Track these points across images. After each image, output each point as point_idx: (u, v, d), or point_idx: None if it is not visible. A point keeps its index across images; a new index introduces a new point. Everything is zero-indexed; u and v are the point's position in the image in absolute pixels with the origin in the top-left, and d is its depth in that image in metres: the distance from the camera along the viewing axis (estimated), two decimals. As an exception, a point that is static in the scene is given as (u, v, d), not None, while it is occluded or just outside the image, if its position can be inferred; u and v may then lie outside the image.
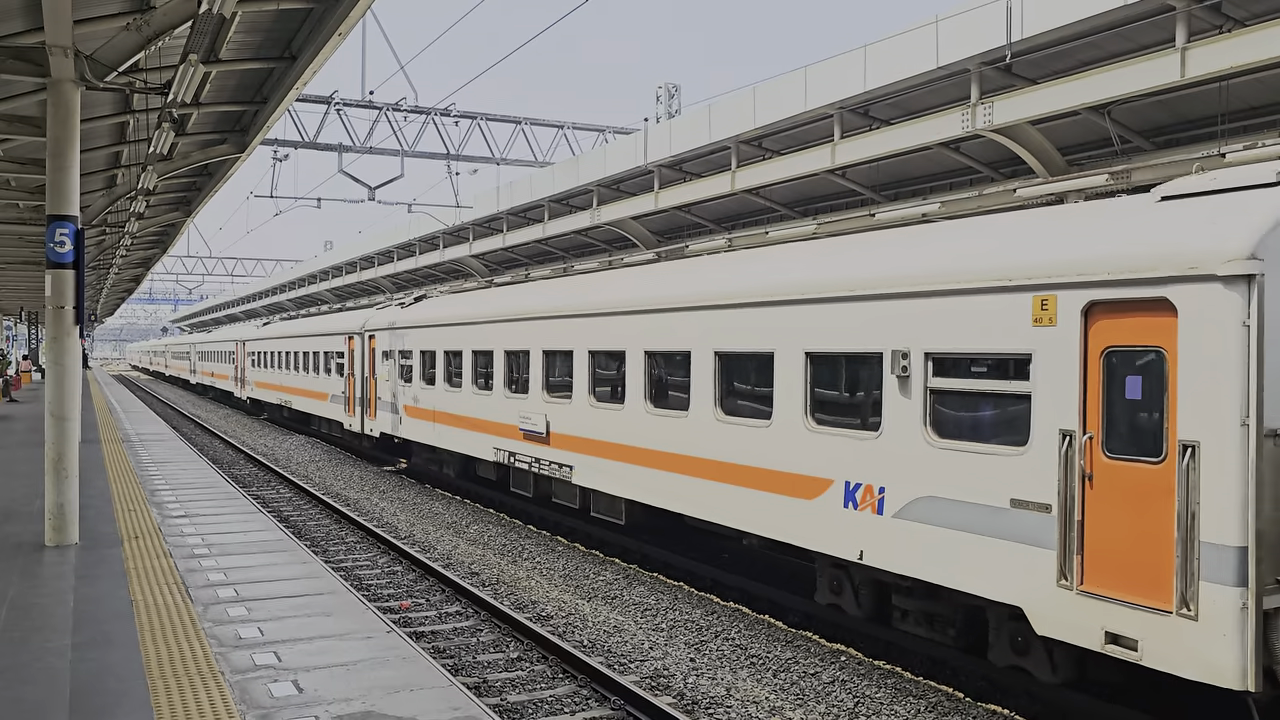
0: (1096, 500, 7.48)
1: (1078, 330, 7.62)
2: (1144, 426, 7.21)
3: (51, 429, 10.03)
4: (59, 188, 9.97)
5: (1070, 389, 7.64)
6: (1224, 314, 6.74)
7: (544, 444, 15.70)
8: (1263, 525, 6.61)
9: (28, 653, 6.67)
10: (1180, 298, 6.94)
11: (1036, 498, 7.87)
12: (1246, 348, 6.62)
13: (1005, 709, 8.92)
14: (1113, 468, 7.39)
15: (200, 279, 73.25)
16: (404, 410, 21.91)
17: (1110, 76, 11.92)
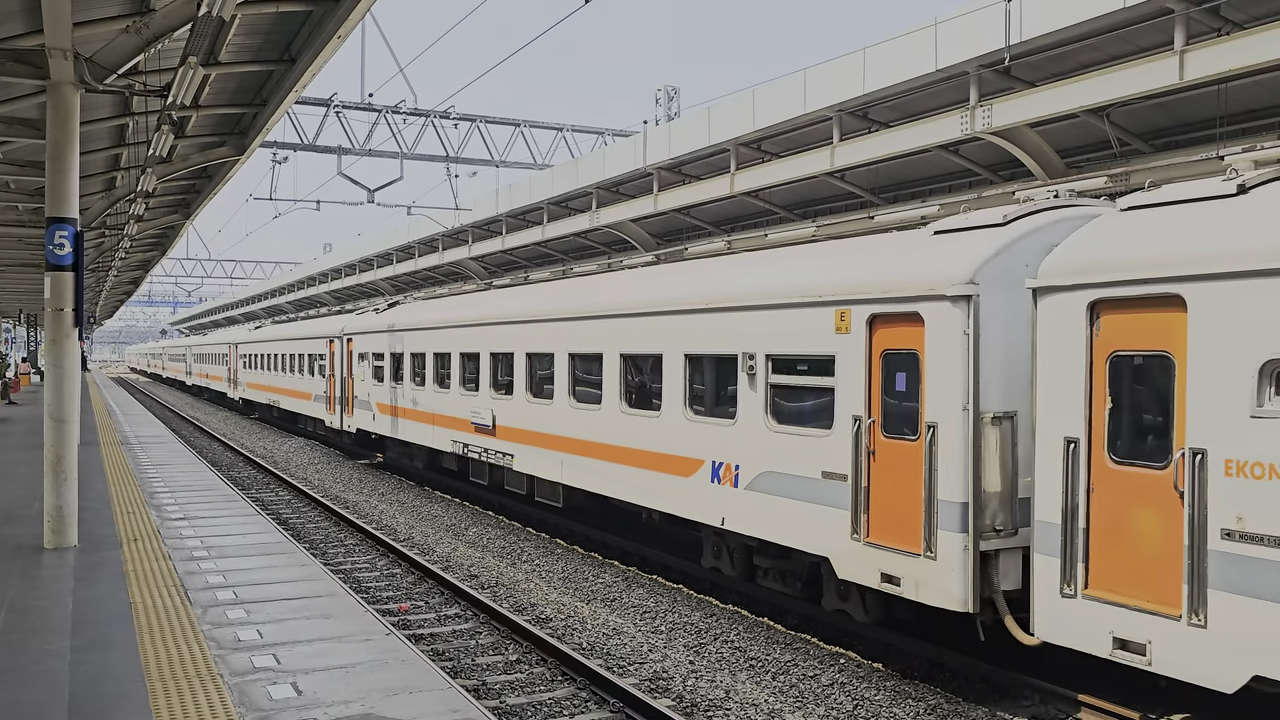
0: (877, 471, 9.53)
1: (864, 337, 9.64)
2: (906, 412, 9.26)
3: (50, 431, 10.03)
4: (58, 190, 9.97)
5: (859, 383, 9.66)
6: (952, 325, 8.78)
7: (491, 435, 17.56)
8: (980, 486, 8.62)
9: (27, 655, 6.67)
10: (926, 312, 9.00)
11: (838, 469, 9.87)
12: (967, 351, 8.68)
13: (1004, 713, 8.91)
14: (887, 445, 9.45)
15: (199, 281, 73.30)
16: (377, 407, 23.84)
17: (1109, 79, 11.94)
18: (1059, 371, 7.96)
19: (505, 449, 16.99)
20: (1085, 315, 7.78)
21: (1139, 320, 7.47)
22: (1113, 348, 7.61)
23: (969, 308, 8.70)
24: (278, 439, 33.48)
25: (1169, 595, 7.13)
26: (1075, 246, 8.04)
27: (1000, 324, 8.80)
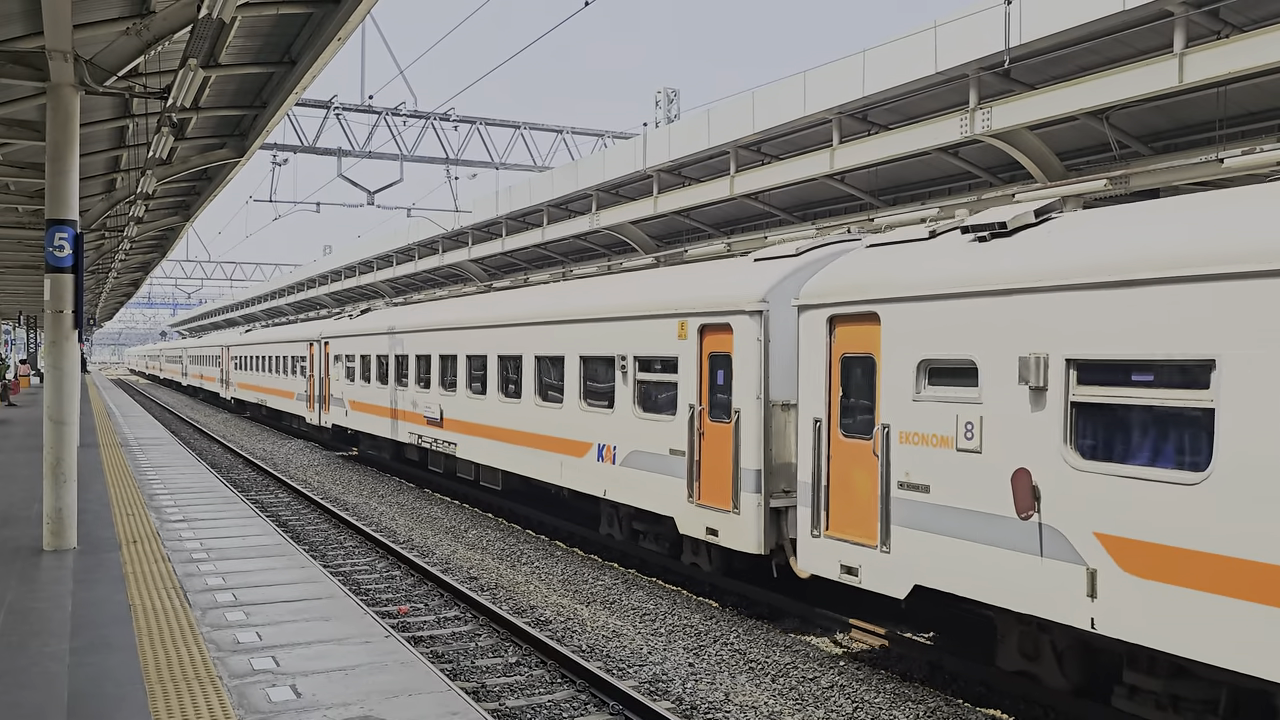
0: (705, 447, 12.16)
1: (697, 342, 12.30)
2: (723, 401, 11.87)
3: (50, 433, 10.03)
4: (58, 192, 9.97)
5: (694, 378, 12.33)
6: (750, 333, 11.39)
7: (439, 427, 20.44)
8: (769, 457, 11.30)
9: (26, 657, 6.66)
10: (734, 323, 11.67)
11: (680, 447, 12.49)
12: (760, 354, 11.31)
13: (1004, 714, 8.91)
14: (712, 426, 12.05)
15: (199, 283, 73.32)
16: (349, 405, 26.62)
17: (1109, 82, 11.94)
18: (811, 369, 10.24)
19: (451, 439, 19.84)
20: (826, 327, 10.07)
21: (856, 330, 9.82)
22: (842, 351, 9.99)
23: (762, 320, 11.33)
24: (277, 441, 33.47)
25: (871, 532, 9.46)
26: (825, 274, 10.32)
27: (786, 333, 11.20)
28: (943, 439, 8.78)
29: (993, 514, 8.28)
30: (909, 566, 9.02)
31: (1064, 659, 8.61)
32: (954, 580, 8.66)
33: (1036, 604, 7.94)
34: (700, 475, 12.19)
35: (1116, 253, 7.45)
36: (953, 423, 8.67)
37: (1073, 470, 7.64)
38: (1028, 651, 8.86)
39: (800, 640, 10.94)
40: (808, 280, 10.62)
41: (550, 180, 25.11)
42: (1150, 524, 7.07)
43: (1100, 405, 7.53)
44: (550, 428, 15.75)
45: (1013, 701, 9.06)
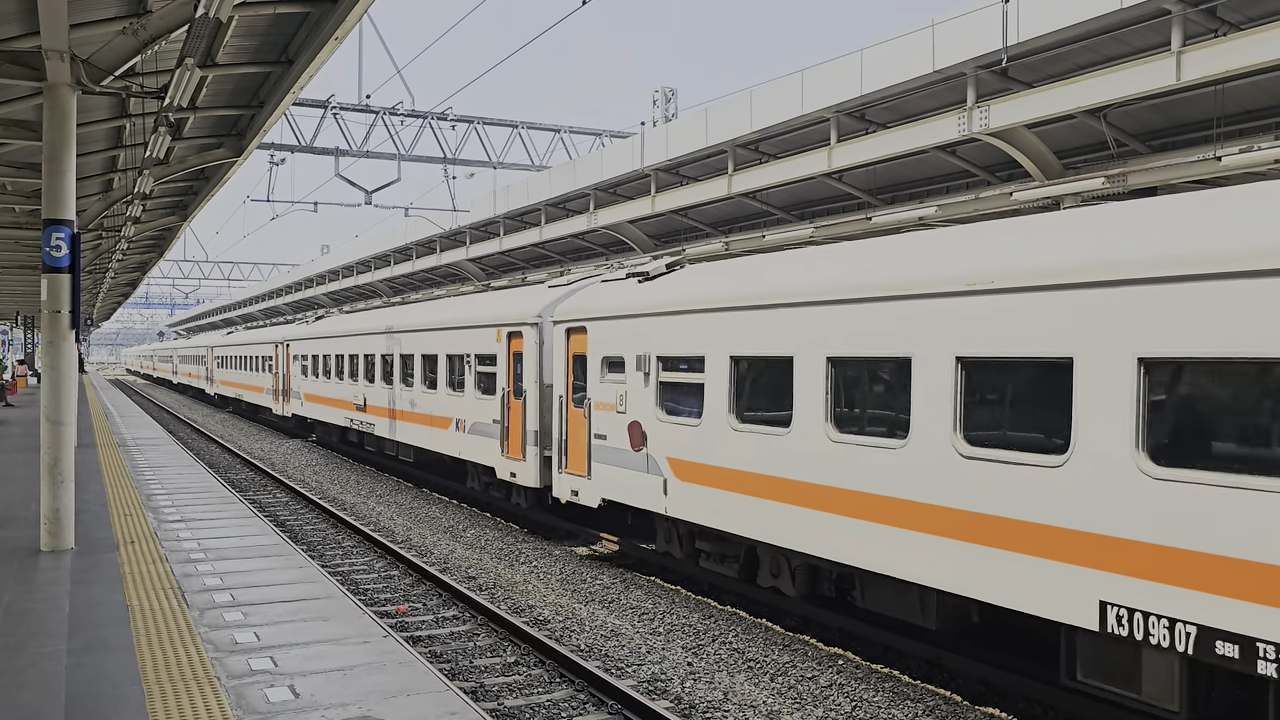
0: (510, 417, 16.86)
1: (505, 344, 17.05)
2: (519, 385, 16.52)
3: (47, 434, 10.01)
4: (55, 192, 9.95)
5: (504, 370, 17.10)
6: (531, 338, 16.15)
7: (364, 412, 25.41)
8: (544, 423, 15.88)
9: (23, 658, 6.65)
10: (524, 331, 16.38)
11: (498, 418, 17.37)
12: (537, 353, 16.06)
13: (1003, 712, 8.91)
14: (513, 402, 16.71)
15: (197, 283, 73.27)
16: (304, 397, 31.54)
17: (1106, 80, 11.95)
18: (558, 362, 15.20)
19: (370, 420, 24.88)
20: (565, 335, 15.05)
21: (578, 338, 14.70)
22: (572, 351, 14.88)
23: (538, 330, 16.19)
24: (275, 441, 33.45)
25: (584, 467, 14.38)
26: (568, 301, 15.20)
27: (551, 339, 15.69)
28: (611, 405, 13.79)
29: (627, 450, 13.38)
30: (601, 487, 14.05)
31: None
32: (617, 493, 13.68)
33: (646, 501, 12.97)
34: (507, 437, 17.07)
35: (686, 295, 12.24)
36: (615, 395, 13.68)
37: (659, 422, 12.67)
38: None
39: (799, 639, 10.94)
40: (560, 304, 15.49)
41: (548, 179, 25.10)
42: (687, 449, 12.08)
43: (671, 383, 12.53)
44: (429, 408, 20.95)
45: (1013, 700, 9.06)
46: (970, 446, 8.34)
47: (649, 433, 12.74)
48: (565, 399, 14.89)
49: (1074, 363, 7.43)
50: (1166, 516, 6.82)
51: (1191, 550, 6.69)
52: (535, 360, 16.10)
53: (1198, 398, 6.76)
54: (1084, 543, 7.36)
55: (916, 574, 8.87)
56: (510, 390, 16.86)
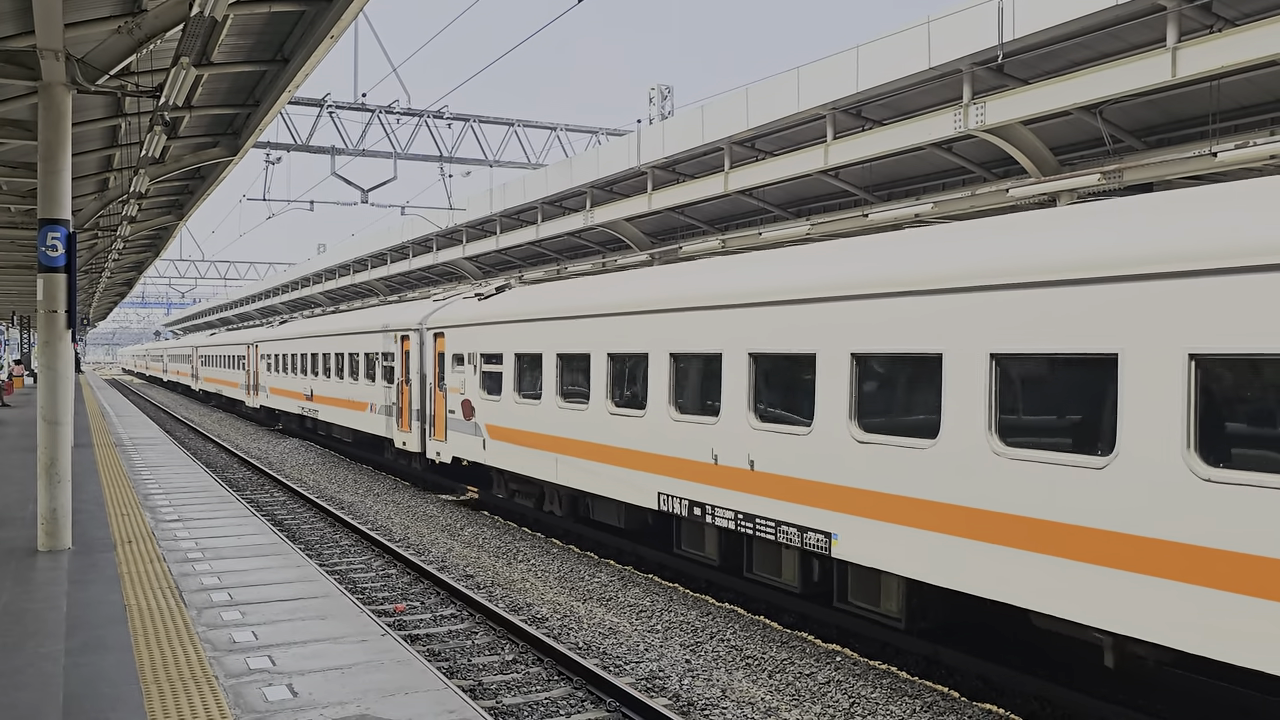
0: (401, 400, 21.70)
1: (400, 345, 21.80)
2: (411, 376, 21.17)
3: (44, 433, 9.99)
4: (50, 191, 9.93)
5: (399, 364, 21.93)
6: (415, 340, 21.07)
7: (311, 401, 30.35)
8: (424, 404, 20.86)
9: (21, 658, 6.65)
10: (410, 335, 21.28)
11: (394, 401, 22.18)
12: (419, 350, 20.93)
13: (1001, 709, 8.93)
14: (404, 389, 21.52)
15: (193, 282, 73.14)
16: (269, 390, 36.55)
17: (1102, 76, 11.95)
18: (427, 360, 20.22)
19: (316, 408, 29.94)
20: (433, 338, 19.89)
21: (440, 341, 19.62)
22: (438, 350, 19.65)
23: (419, 334, 20.82)
24: (272, 440, 33.43)
25: (443, 435, 19.02)
26: (438, 313, 20.08)
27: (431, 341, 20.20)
28: (457, 389, 18.83)
29: (464, 420, 18.45)
30: (452, 448, 19.13)
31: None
32: (461, 451, 18.63)
33: (475, 455, 18.04)
34: (400, 415, 22.07)
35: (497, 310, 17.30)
36: (459, 381, 18.71)
37: (481, 399, 17.73)
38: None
39: (797, 636, 10.95)
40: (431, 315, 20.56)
41: (544, 177, 25.09)
42: (496, 418, 17.11)
43: (487, 371, 17.53)
44: (353, 395, 25.95)
45: (1010, 696, 9.08)
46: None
47: (476, 407, 18.12)
48: (433, 385, 20.22)
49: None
50: None
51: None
52: (417, 357, 21.08)
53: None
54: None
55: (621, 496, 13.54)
56: (402, 380, 21.96)
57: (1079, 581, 7.37)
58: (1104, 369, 7.30)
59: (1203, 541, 6.64)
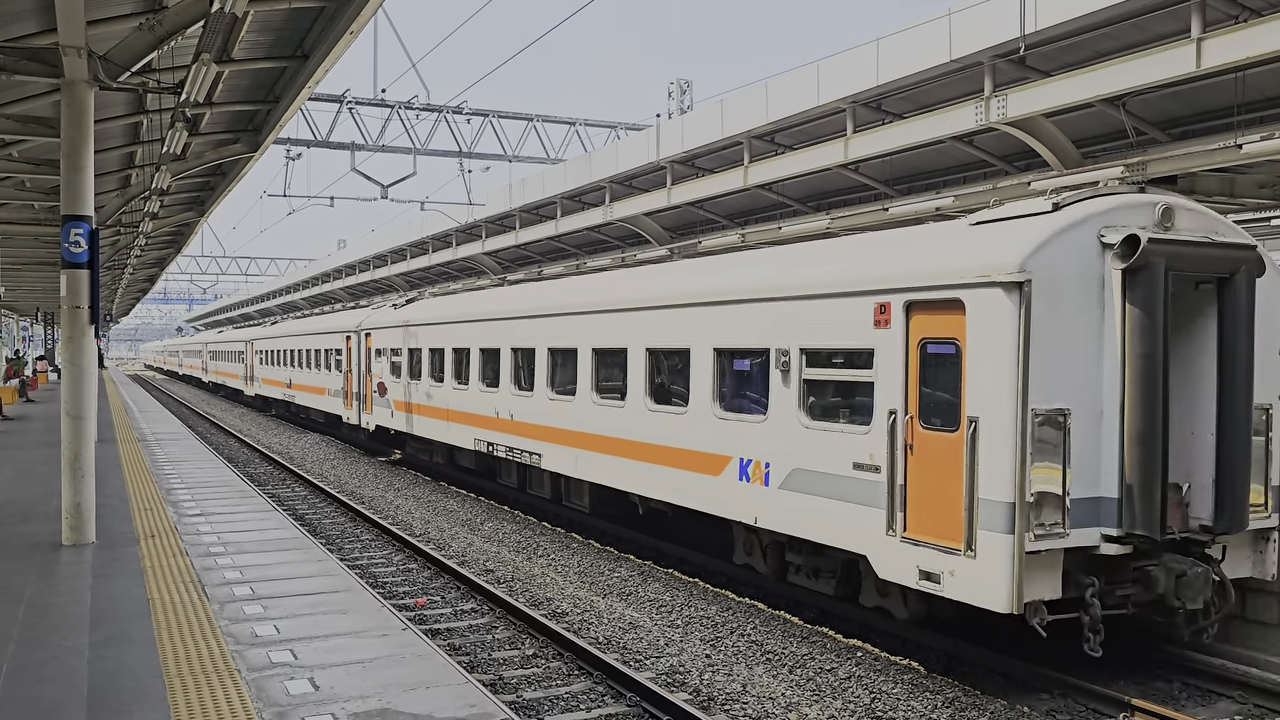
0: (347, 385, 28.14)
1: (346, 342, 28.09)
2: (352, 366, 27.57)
3: (68, 428, 10.07)
4: (73, 188, 10.00)
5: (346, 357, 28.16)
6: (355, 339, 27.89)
7: (289, 388, 36.26)
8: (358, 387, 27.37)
9: (45, 651, 6.70)
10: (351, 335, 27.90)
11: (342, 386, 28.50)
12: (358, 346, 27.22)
13: (1023, 706, 8.87)
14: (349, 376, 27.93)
15: (214, 278, 73.62)
16: (262, 381, 42.58)
17: (1125, 68, 11.84)
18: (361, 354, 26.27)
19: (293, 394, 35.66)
20: (365, 337, 25.99)
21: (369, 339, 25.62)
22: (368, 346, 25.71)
23: (356, 335, 26.72)
24: (293, 435, 33.62)
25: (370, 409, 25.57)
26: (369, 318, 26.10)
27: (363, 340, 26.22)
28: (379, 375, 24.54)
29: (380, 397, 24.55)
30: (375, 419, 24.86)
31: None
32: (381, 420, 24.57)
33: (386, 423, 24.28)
34: (346, 396, 27.80)
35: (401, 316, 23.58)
36: (380, 369, 24.52)
37: (391, 382, 23.84)
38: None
39: (817, 631, 10.92)
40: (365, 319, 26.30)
41: (564, 172, 25.09)
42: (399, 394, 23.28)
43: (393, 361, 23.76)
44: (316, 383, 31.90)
45: (1030, 693, 9.03)
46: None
47: (388, 387, 24.37)
48: (364, 373, 26.06)
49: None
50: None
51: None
52: (355, 352, 27.07)
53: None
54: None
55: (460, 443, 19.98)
56: (347, 370, 27.90)
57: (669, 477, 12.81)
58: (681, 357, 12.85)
59: (717, 449, 11.95)
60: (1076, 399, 8.55)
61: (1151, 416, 8.41)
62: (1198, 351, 9.18)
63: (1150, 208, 8.92)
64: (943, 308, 8.91)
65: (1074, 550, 8.53)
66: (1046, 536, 8.31)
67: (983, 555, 8.38)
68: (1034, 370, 8.28)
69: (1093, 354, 8.62)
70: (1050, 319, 8.41)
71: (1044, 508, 8.33)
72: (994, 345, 8.44)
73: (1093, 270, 8.63)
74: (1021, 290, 8.28)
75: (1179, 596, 8.55)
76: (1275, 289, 9.51)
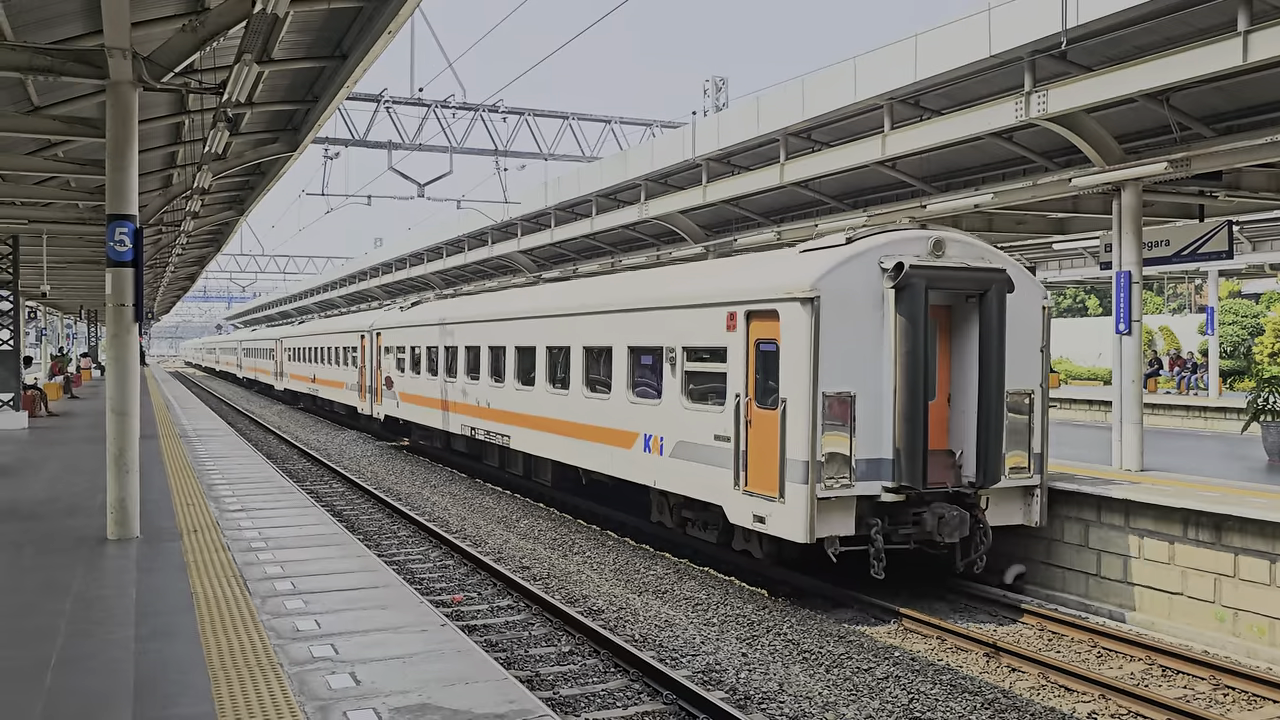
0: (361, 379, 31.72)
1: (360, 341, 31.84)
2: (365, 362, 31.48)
3: (113, 425, 10.21)
4: (118, 188, 10.13)
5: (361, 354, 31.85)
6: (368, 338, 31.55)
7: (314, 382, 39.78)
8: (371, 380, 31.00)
9: (93, 644, 6.81)
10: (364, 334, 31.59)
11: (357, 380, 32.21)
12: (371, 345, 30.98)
13: (1064, 708, 8.79)
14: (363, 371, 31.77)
15: (253, 276, 74.36)
16: (290, 377, 46.71)
17: (1169, 62, 11.66)
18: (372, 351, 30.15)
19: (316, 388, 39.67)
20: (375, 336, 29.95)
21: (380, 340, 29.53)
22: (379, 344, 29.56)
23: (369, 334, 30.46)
24: (331, 432, 33.92)
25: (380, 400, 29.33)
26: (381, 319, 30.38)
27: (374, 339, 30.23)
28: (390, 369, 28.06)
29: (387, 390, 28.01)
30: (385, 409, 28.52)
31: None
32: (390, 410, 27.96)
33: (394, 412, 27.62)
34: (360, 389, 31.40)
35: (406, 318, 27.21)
36: (389, 365, 28.16)
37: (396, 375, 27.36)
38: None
39: (854, 631, 10.87)
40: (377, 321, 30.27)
41: (599, 170, 25.11)
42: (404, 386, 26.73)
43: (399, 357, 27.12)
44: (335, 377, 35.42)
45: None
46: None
47: (394, 380, 27.54)
48: (375, 368, 29.28)
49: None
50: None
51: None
52: (368, 350, 30.53)
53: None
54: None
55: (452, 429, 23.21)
56: (361, 365, 31.15)
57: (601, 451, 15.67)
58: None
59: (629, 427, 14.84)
60: (862, 384, 11.21)
61: (914, 398, 11.04)
62: (969, 350, 11.68)
63: (925, 240, 11.59)
64: (768, 316, 11.69)
65: (863, 498, 11.27)
66: (836, 487, 11.07)
67: (789, 501, 11.16)
68: (823, 363, 11.02)
69: (874, 351, 11.28)
70: (838, 325, 11.10)
71: (835, 466, 11.06)
72: (796, 345, 11.21)
73: (875, 288, 11.31)
74: (813, 304, 11.04)
75: (941, 534, 11.26)
76: (1033, 301, 12.17)
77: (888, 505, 11.36)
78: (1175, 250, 18.43)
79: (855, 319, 11.22)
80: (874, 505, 11.34)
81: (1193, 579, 11.06)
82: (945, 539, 11.34)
